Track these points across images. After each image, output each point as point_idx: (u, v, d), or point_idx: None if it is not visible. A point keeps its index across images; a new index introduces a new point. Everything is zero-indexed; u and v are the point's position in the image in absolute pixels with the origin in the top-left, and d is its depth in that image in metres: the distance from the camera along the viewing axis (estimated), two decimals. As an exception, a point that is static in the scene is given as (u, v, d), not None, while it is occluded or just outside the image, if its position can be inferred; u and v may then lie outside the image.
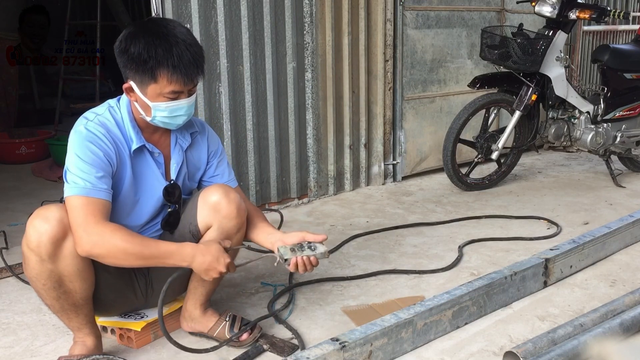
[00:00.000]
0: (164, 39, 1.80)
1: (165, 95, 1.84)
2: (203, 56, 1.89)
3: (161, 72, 1.80)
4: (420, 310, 2.11)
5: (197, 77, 1.88)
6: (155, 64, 1.79)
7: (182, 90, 1.86)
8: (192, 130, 2.08)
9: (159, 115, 1.88)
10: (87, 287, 1.89)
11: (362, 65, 4.00)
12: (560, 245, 2.73)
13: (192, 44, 1.85)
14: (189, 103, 1.90)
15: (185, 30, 1.89)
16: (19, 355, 2.10)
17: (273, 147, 3.67)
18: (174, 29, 1.85)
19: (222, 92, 3.40)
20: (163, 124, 1.92)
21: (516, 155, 4.30)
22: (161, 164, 2.01)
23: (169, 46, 1.80)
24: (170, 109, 1.87)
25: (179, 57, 1.80)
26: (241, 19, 3.40)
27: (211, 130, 2.19)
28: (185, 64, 1.81)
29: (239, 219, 2.02)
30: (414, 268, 2.81)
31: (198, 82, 1.92)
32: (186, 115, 1.92)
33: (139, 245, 1.79)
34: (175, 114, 1.90)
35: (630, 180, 4.37)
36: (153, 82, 1.82)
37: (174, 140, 2.04)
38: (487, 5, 4.70)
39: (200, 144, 2.11)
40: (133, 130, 1.93)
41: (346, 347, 1.87)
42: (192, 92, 1.92)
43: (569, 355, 1.94)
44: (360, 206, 3.82)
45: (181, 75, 1.82)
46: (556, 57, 3.95)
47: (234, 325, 2.14)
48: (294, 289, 2.57)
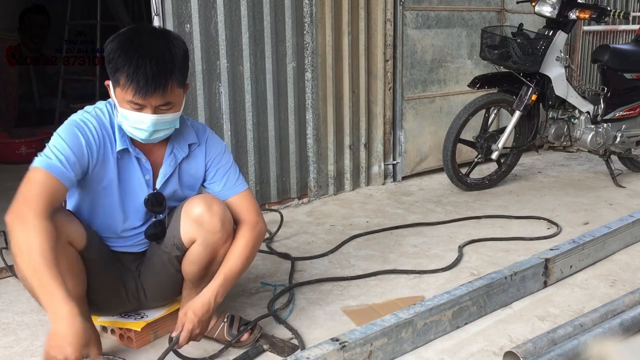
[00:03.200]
0: (131, 46, 1.74)
1: (127, 102, 1.77)
2: (168, 76, 1.76)
3: (119, 77, 1.75)
4: (420, 310, 2.11)
5: (154, 94, 1.75)
6: (115, 67, 1.75)
7: (142, 103, 1.76)
8: (192, 142, 2.01)
9: (123, 121, 1.82)
10: (78, 284, 1.88)
11: (362, 65, 4.00)
12: (560, 245, 2.73)
13: (160, 60, 1.74)
14: (153, 120, 1.79)
15: (166, 45, 1.78)
16: (19, 355, 2.10)
17: (273, 147, 3.67)
18: (152, 41, 1.77)
19: (222, 92, 3.40)
20: (128, 132, 1.85)
21: (516, 155, 4.30)
22: (148, 171, 1.96)
23: (132, 54, 1.73)
24: (133, 120, 1.80)
25: (136, 68, 1.72)
26: (241, 19, 3.40)
27: (212, 137, 2.09)
28: (142, 77, 1.72)
29: (223, 232, 1.96)
30: (414, 268, 2.81)
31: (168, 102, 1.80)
32: (147, 132, 1.82)
33: (36, 267, 1.59)
34: (137, 127, 1.81)
35: (630, 180, 4.37)
36: (117, 85, 1.77)
37: (170, 150, 1.98)
38: (487, 5, 4.70)
39: (197, 155, 2.04)
40: (119, 132, 1.88)
41: (346, 347, 1.87)
42: (162, 111, 1.80)
43: (569, 355, 1.94)
44: (360, 206, 3.82)
45: (135, 87, 1.73)
46: (556, 57, 3.95)
47: (233, 326, 2.13)
48: (293, 289, 2.57)
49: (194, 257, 2.01)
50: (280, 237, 3.24)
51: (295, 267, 2.82)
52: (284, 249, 3.06)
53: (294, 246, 3.12)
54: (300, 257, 2.93)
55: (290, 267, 2.80)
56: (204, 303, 1.91)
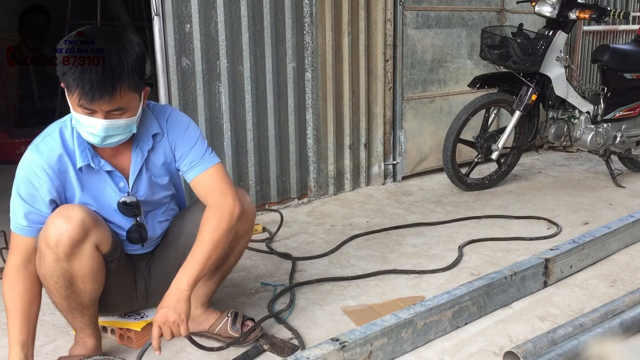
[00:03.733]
0: (80, 48, 1.68)
1: (78, 106, 1.71)
2: (116, 82, 1.68)
3: (67, 80, 1.68)
4: (420, 310, 2.11)
5: (101, 99, 1.67)
6: (62, 70, 1.69)
7: (92, 108, 1.70)
8: (155, 132, 1.94)
9: (77, 125, 1.77)
10: (97, 289, 1.90)
11: (362, 65, 4.00)
12: (560, 245, 2.73)
13: (107, 65, 1.66)
14: (105, 125, 1.73)
15: (115, 50, 1.70)
16: (19, 355, 2.10)
17: (273, 147, 3.67)
18: (105, 44, 1.69)
19: (222, 92, 3.40)
20: (83, 136, 1.79)
21: (516, 155, 4.30)
22: (121, 178, 1.92)
23: (80, 57, 1.66)
24: (85, 124, 1.73)
25: (81, 73, 1.65)
26: (241, 19, 3.40)
27: (173, 116, 1.99)
28: (87, 82, 1.65)
29: (246, 222, 2.02)
30: (414, 268, 2.81)
31: (120, 107, 1.73)
32: (99, 137, 1.75)
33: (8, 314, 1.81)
34: (88, 130, 1.74)
35: (630, 180, 4.37)
36: (67, 88, 1.70)
37: (135, 144, 1.91)
38: (487, 5, 4.70)
39: (164, 143, 1.97)
40: (79, 148, 1.83)
41: (346, 347, 1.87)
42: (114, 116, 1.74)
43: (569, 355, 1.94)
44: (360, 206, 3.82)
45: (80, 92, 1.67)
46: (556, 57, 3.95)
47: (236, 321, 2.14)
48: (294, 289, 2.57)
49: None
50: (280, 237, 3.24)
51: (296, 267, 2.83)
52: (284, 249, 3.06)
53: (294, 246, 3.12)
54: (301, 257, 2.93)
55: (290, 267, 2.80)
56: (172, 291, 1.80)
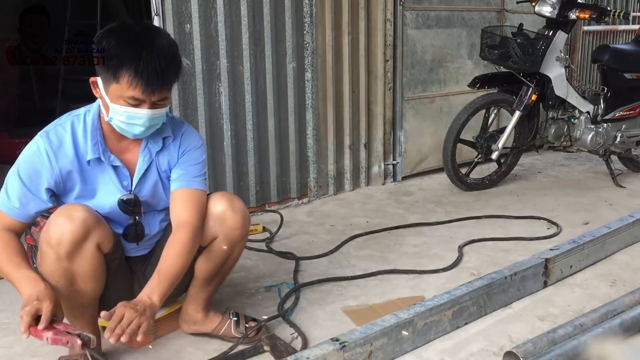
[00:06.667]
0: (136, 41, 1.72)
1: (125, 99, 1.74)
2: (175, 72, 1.79)
3: (123, 74, 1.71)
4: (420, 310, 2.11)
5: (161, 90, 1.76)
6: (119, 63, 1.71)
7: (143, 99, 1.75)
8: (166, 135, 1.96)
9: (116, 118, 1.79)
10: (97, 289, 1.90)
11: (362, 65, 4.00)
12: (560, 245, 2.73)
13: (166, 56, 1.75)
14: (150, 115, 1.78)
15: (167, 42, 1.79)
16: (19, 355, 2.10)
17: (273, 147, 3.67)
18: (155, 37, 1.76)
19: (222, 92, 3.40)
20: (119, 128, 1.82)
21: (516, 155, 4.30)
22: (126, 177, 1.93)
23: (139, 49, 1.71)
24: (128, 115, 1.77)
25: (146, 63, 1.70)
26: (241, 19, 3.40)
27: (189, 131, 2.04)
28: (150, 73, 1.71)
29: (243, 229, 2.03)
30: (414, 268, 2.81)
31: (165, 97, 1.80)
32: (143, 127, 1.81)
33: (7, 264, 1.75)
34: (132, 122, 1.79)
35: (630, 180, 4.37)
36: (115, 81, 1.73)
37: (144, 144, 1.94)
38: (487, 5, 4.70)
39: (171, 148, 1.99)
40: (92, 141, 1.85)
41: (346, 347, 1.87)
42: (158, 106, 1.80)
43: (569, 355, 1.94)
44: (360, 206, 3.82)
45: (142, 83, 1.71)
46: (556, 57, 3.95)
47: (239, 322, 2.15)
48: (299, 290, 2.56)
49: (214, 254, 2.03)
50: (280, 237, 3.24)
51: (299, 266, 2.82)
52: (284, 249, 3.05)
53: (294, 246, 3.11)
54: (301, 257, 2.93)
55: (290, 267, 2.80)
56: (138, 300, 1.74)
